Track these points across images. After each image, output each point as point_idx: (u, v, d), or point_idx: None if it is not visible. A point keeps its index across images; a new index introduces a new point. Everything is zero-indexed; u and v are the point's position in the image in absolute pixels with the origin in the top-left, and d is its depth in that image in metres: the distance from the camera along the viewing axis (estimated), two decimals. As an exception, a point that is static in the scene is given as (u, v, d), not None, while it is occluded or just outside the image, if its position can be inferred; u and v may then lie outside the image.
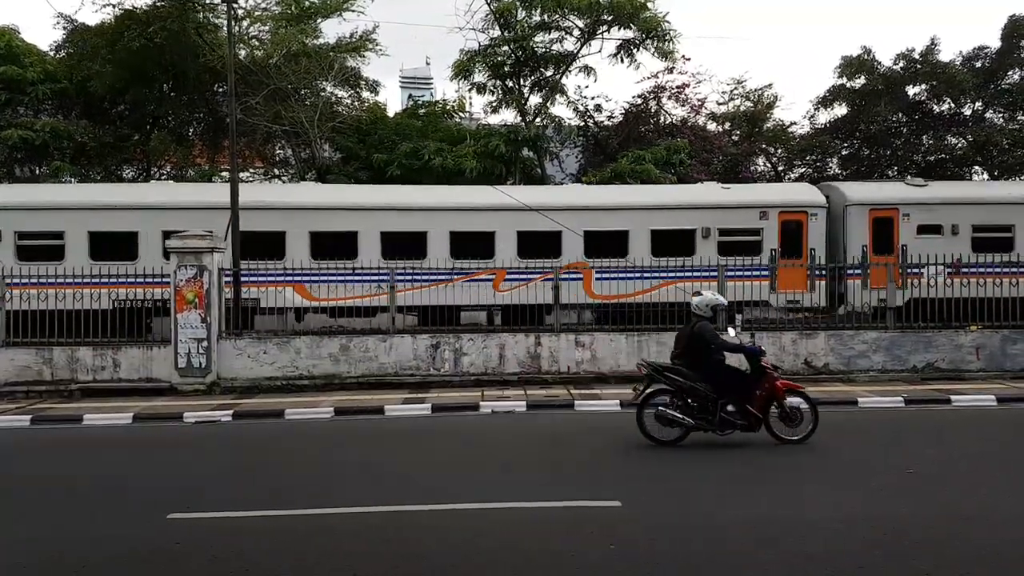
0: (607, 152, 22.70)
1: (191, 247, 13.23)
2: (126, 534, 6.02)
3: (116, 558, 5.53)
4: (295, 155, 21.93)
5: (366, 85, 22.71)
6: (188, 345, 13.12)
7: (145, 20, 18.68)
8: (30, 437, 10.43)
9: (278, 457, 9.00)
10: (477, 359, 13.57)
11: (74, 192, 17.57)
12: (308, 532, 5.97)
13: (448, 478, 7.66)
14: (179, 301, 13.16)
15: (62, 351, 13.20)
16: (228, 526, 6.19)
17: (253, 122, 19.12)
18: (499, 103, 22.77)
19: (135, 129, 21.90)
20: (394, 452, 9.04)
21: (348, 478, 7.80)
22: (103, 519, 6.48)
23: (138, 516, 6.48)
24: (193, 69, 19.69)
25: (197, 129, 22.85)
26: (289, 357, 13.41)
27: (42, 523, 6.38)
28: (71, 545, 5.78)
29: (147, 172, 22.51)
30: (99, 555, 5.57)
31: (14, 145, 19.03)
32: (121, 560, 5.49)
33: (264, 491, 7.23)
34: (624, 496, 6.67)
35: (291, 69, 19.58)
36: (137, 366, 13.28)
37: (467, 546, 5.58)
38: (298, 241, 15.91)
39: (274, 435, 10.31)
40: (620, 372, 13.44)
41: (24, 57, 20.62)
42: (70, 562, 5.44)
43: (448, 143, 20.65)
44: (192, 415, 11.21)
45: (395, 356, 13.52)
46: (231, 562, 5.37)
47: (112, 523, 6.34)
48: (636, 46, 21.90)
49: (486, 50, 21.76)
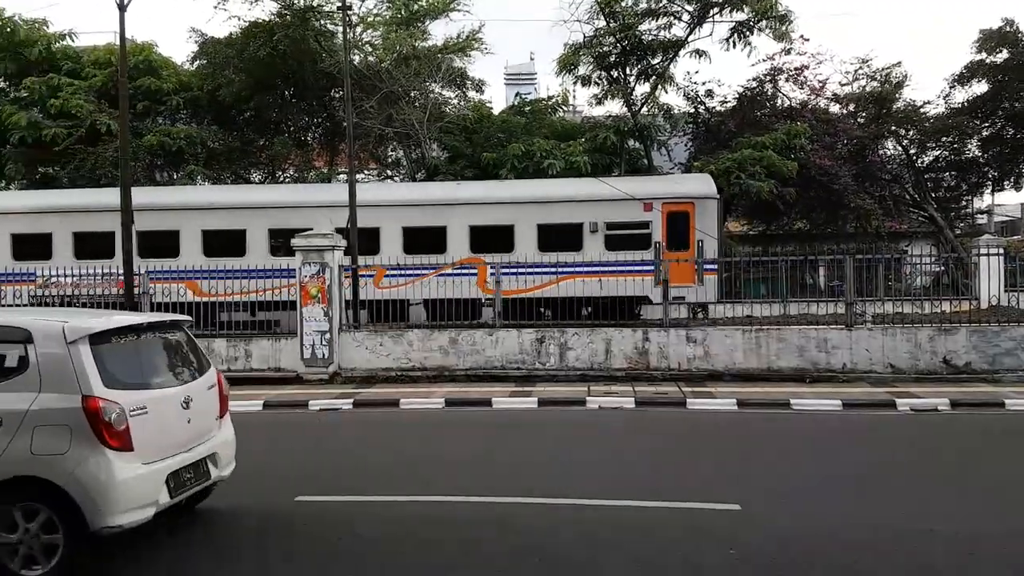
0: (720, 139, 22.03)
1: (314, 245, 13.94)
2: (258, 513, 6.47)
3: (248, 535, 5.94)
4: (406, 156, 22.62)
5: (472, 84, 23.10)
6: (312, 337, 13.84)
7: (269, 30, 19.78)
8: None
9: (397, 445, 9.34)
10: (582, 354, 13.56)
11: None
12: (427, 518, 6.20)
13: (559, 473, 7.72)
14: (304, 296, 13.90)
15: (199, 342, 14.19)
16: (353, 510, 6.48)
17: (367, 125, 19.88)
18: (604, 94, 22.55)
19: (259, 134, 23.25)
20: (506, 444, 9.20)
21: (463, 467, 8.02)
22: (236, 497, 6.95)
23: (269, 497, 6.92)
24: (312, 75, 20.69)
25: (315, 133, 24.00)
26: (403, 349, 13.89)
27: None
28: (208, 519, 6.27)
29: (272, 175, 23.87)
30: (233, 531, 6.01)
31: (153, 151, 20.66)
32: (252, 538, 5.90)
33: (385, 477, 7.55)
34: (744, 499, 6.48)
35: (401, 72, 20.20)
36: (267, 357, 14.16)
37: (580, 543, 5.62)
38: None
39: (391, 423, 10.72)
40: (736, 369, 13.08)
41: (161, 69, 22.31)
42: (202, 536, 5.89)
43: (554, 139, 20.67)
44: (316, 403, 11.84)
45: (501, 350, 13.72)
46: (356, 544, 5.66)
47: (245, 502, 6.79)
48: (750, 28, 21.09)
49: (591, 42, 21.59)
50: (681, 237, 16.25)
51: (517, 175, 19.29)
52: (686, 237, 16.18)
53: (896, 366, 12.89)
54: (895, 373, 12.81)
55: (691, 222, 16.24)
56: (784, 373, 13.00)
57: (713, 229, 16.37)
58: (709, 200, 16.48)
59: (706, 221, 16.30)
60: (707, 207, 16.41)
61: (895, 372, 12.83)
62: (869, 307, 13.81)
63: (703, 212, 16.32)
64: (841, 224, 22.99)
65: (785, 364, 13.12)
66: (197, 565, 5.37)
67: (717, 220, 16.66)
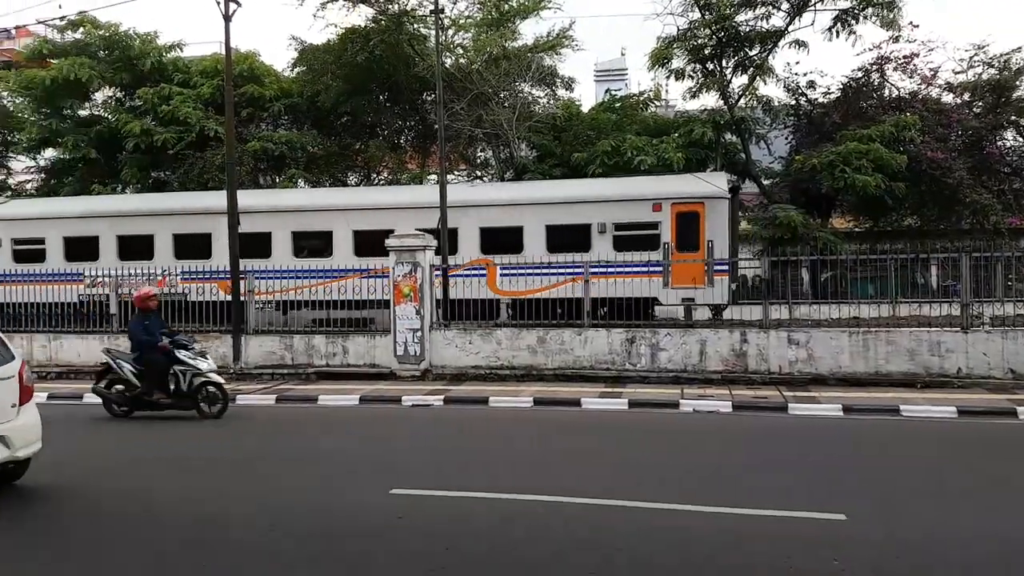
0: (823, 131, 21.05)
1: (407, 245, 14.22)
2: (353, 504, 6.61)
3: (344, 526, 6.05)
4: (495, 156, 22.76)
5: (561, 82, 22.97)
6: (405, 335, 14.13)
7: (366, 35, 20.33)
8: (276, 413, 11.79)
9: (487, 442, 9.40)
10: (675, 355, 13.25)
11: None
12: (518, 516, 6.17)
13: (651, 475, 7.55)
14: (396, 294, 14.20)
15: (300, 339, 14.78)
16: (445, 504, 6.53)
17: (457, 127, 20.12)
18: (699, 88, 21.95)
19: (356, 138, 23.93)
20: (597, 445, 9.08)
21: (553, 466, 7.96)
22: (334, 489, 7.17)
23: (364, 489, 7.09)
24: (405, 79, 21.12)
25: (408, 136, 24.50)
26: (491, 348, 13.96)
27: (285, 487, 7.17)
28: (312, 505, 6.46)
29: (367, 177, 24.54)
30: (329, 521, 6.14)
31: (257, 156, 21.61)
32: (348, 529, 6.00)
33: (476, 473, 7.60)
34: (850, 509, 6.13)
35: (491, 73, 20.33)
36: (362, 353, 14.54)
37: (676, 549, 5.44)
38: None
39: (481, 421, 10.79)
40: (841, 373, 12.47)
41: (264, 77, 23.32)
42: (307, 526, 6.06)
43: (646, 135, 20.30)
44: (409, 399, 12.06)
45: (590, 350, 13.58)
46: (446, 539, 5.67)
47: (341, 493, 6.98)
48: (855, 16, 20.07)
49: (685, 34, 21.07)
50: (691, 238, 15.95)
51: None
52: (696, 238, 15.86)
53: (1017, 371, 12.00)
54: (1016, 379, 11.93)
55: (701, 222, 15.93)
56: (893, 378, 12.31)
57: (725, 229, 16.02)
58: (720, 200, 16.09)
59: (717, 221, 15.95)
60: (718, 207, 16.04)
61: (1016, 378, 11.95)
62: (987, 308, 12.89)
63: (714, 212, 15.97)
64: (955, 220, 21.54)
65: (894, 368, 12.41)
66: (293, 554, 5.50)
67: (729, 220, 16.23)
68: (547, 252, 15.91)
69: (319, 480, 7.55)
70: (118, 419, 11.00)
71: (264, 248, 17.36)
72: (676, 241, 15.95)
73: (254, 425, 10.83)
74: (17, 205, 20.68)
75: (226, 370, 14.67)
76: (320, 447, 9.37)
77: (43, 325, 16.31)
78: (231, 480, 7.68)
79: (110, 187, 22.98)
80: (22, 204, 20.85)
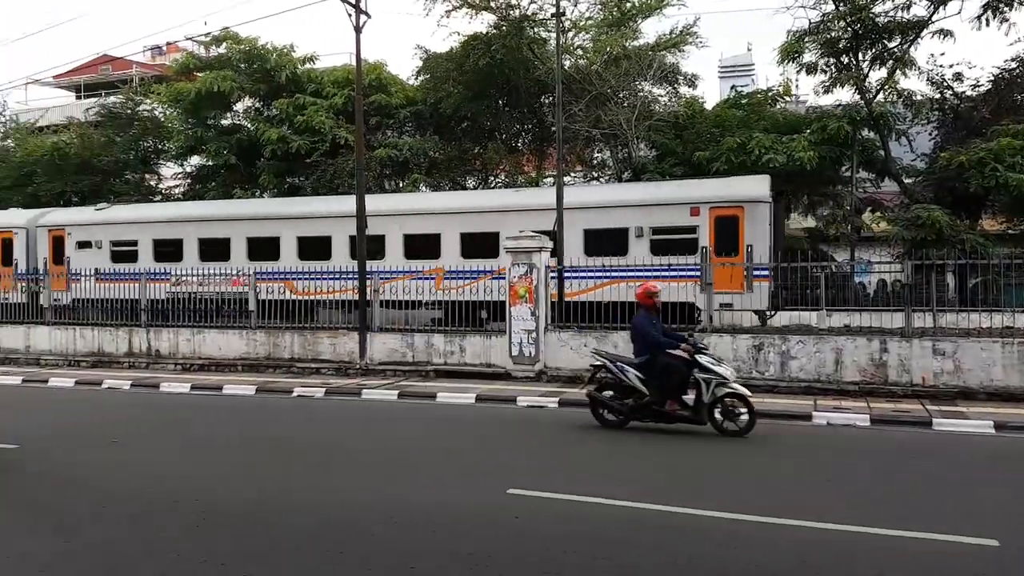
0: (971, 127, 19.38)
1: (523, 247, 14.27)
2: (472, 501, 6.64)
3: (462, 522, 6.07)
4: (612, 156, 22.49)
5: (684, 80, 22.39)
6: (520, 335, 14.17)
7: (487, 41, 20.65)
8: (397, 408, 12.12)
9: (603, 447, 9.19)
10: (808, 364, 12.53)
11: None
12: (637, 525, 5.99)
13: (780, 489, 7.15)
14: (512, 295, 14.27)
15: (421, 337, 15.16)
16: (561, 507, 6.42)
17: (575, 128, 20.03)
18: (832, 82, 20.77)
19: (475, 142, 24.36)
20: (717, 456, 8.70)
21: (671, 476, 7.71)
22: (453, 485, 7.25)
23: (482, 487, 7.12)
24: (524, 83, 21.26)
25: (525, 139, 24.66)
26: (608, 351, 13.70)
27: (402, 479, 7.32)
28: (431, 499, 6.53)
29: (484, 181, 24.91)
30: (447, 517, 6.18)
31: (382, 162, 22.43)
32: (465, 525, 6.02)
33: (593, 478, 7.44)
34: (1002, 534, 5.56)
35: (611, 73, 20.09)
36: (479, 352, 14.72)
37: (802, 569, 5.09)
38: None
39: (597, 425, 10.58)
40: (992, 387, 11.38)
41: (390, 86, 24.20)
42: (426, 520, 6.12)
43: (775, 132, 19.41)
44: (524, 400, 12.07)
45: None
46: (564, 542, 5.57)
47: (460, 490, 7.04)
48: (1007, 3, 18.36)
49: (818, 27, 20.00)
50: (730, 242, 15.66)
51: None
52: (735, 242, 15.55)
53: None
54: None
55: (740, 227, 15.66)
56: (1056, 393, 11.09)
57: (766, 234, 15.64)
58: (760, 204, 15.76)
59: (757, 226, 15.61)
60: (758, 211, 15.72)
61: None
62: None
63: (754, 216, 15.66)
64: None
65: (1058, 383, 11.18)
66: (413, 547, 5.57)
67: (770, 224, 15.79)
68: (584, 256, 16.02)
69: (438, 475, 7.66)
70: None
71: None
72: (714, 246, 15.63)
73: (367, 415, 11.16)
74: (116, 210, 22.64)
75: (352, 366, 15.31)
76: (439, 443, 9.53)
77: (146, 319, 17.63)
78: (359, 470, 7.93)
79: (249, 191, 24.54)
80: (119, 210, 22.77)
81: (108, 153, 26.29)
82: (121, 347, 17.41)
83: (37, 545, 5.62)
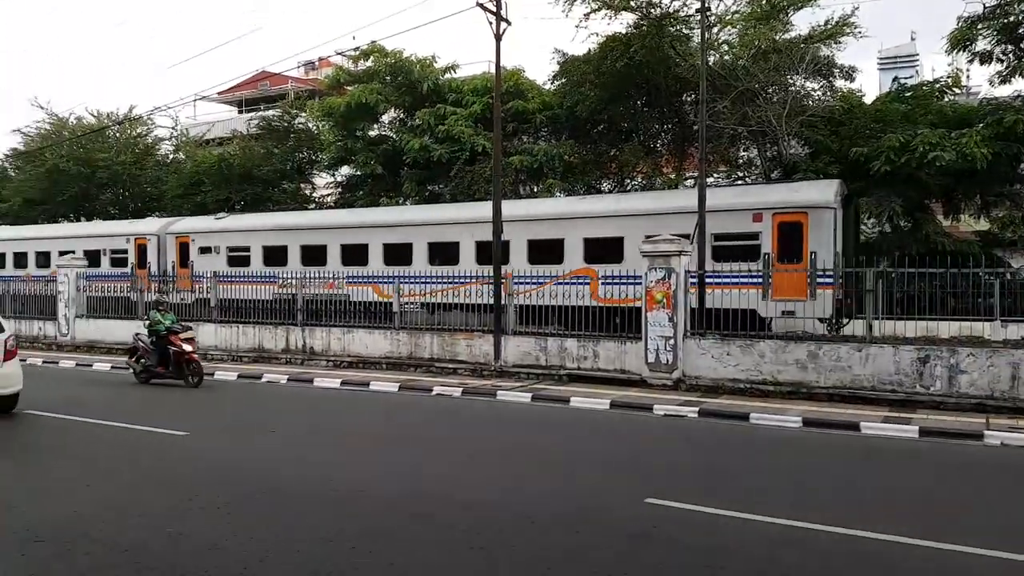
0: None
1: (661, 251, 13.87)
2: (609, 509, 6.48)
3: (599, 529, 5.93)
4: (760, 155, 21.45)
5: (840, 72, 20.95)
6: (656, 342, 13.76)
7: (626, 42, 20.32)
8: (532, 411, 12.13)
9: (746, 459, 8.78)
10: (980, 379, 11.31)
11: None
12: (779, 541, 5.64)
13: (936, 512, 6.54)
14: (649, 301, 13.89)
15: (554, 341, 15.10)
16: (700, 519, 6.18)
17: (719, 126, 19.26)
18: (1010, 71, 18.74)
19: (611, 145, 24.04)
20: (875, 475, 8.01)
21: (822, 492, 7.20)
22: (590, 490, 7.11)
23: (619, 494, 6.94)
24: (665, 81, 20.72)
25: (665, 139, 24.03)
26: (752, 360, 13.06)
27: (536, 479, 7.26)
28: (568, 504, 6.42)
29: (621, 183, 24.53)
30: (584, 522, 6.07)
31: (517, 168, 22.65)
32: (602, 532, 5.88)
33: (733, 491, 7.10)
34: None
35: (759, 68, 19.16)
36: (613, 358, 14.45)
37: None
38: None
39: (740, 437, 10.12)
40: None
41: (527, 92, 24.41)
42: (563, 522, 6.02)
43: (943, 126, 17.73)
44: (661, 408, 11.70)
45: (872, 368, 12.10)
46: (702, 554, 5.37)
47: (597, 496, 6.90)
48: None
49: (994, 12, 18.11)
50: (793, 249, 15.43)
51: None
52: (799, 249, 15.28)
53: None
54: None
55: (804, 233, 15.40)
56: None
57: (830, 240, 15.20)
58: (824, 210, 15.40)
59: (822, 232, 15.28)
60: (823, 217, 15.37)
61: None
62: None
63: (818, 223, 15.35)
64: None
65: None
66: (549, 549, 5.46)
67: (836, 231, 15.31)
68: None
69: (575, 479, 7.56)
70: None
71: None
72: (777, 252, 15.55)
73: (503, 416, 11.20)
74: (231, 220, 24.52)
75: (487, 367, 15.51)
76: (574, 447, 9.42)
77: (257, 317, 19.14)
78: (497, 468, 7.97)
79: (393, 199, 25.58)
80: (234, 219, 24.61)
81: (267, 164, 28.31)
82: (279, 344, 18.61)
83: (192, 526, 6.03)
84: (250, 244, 22.71)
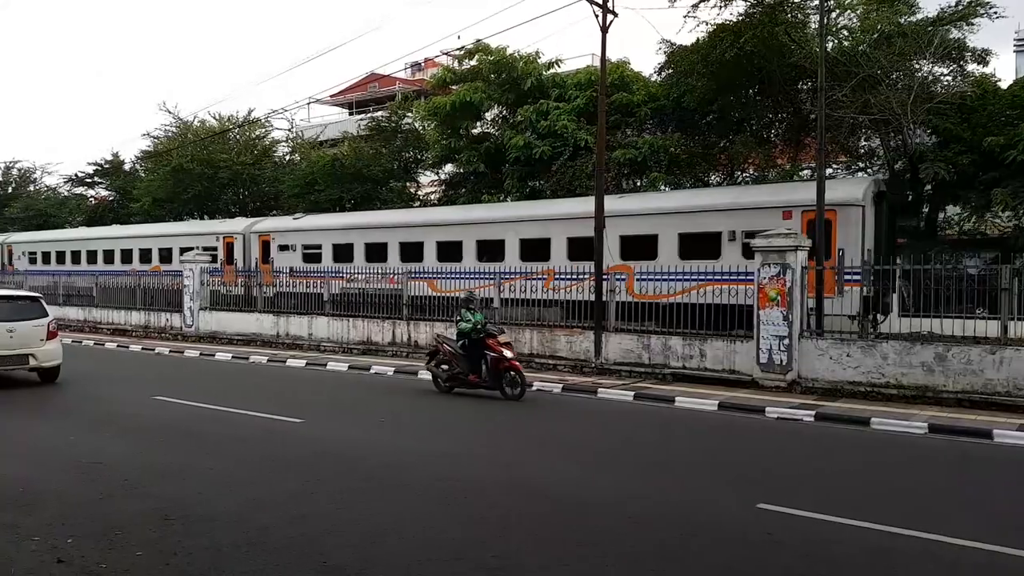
0: None
1: (775, 246, 13.27)
2: (721, 514, 6.25)
3: (711, 534, 5.74)
4: (883, 144, 20.15)
5: (972, 56, 19.37)
6: (769, 342, 13.18)
7: (737, 31, 19.56)
8: (635, 410, 11.89)
9: (866, 467, 8.25)
10: None
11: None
12: (904, 553, 5.29)
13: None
14: (762, 298, 13.32)
15: (658, 339, 14.74)
16: (815, 527, 5.88)
17: (838, 115, 18.21)
18: None
19: (720, 136, 23.24)
20: (1006, 486, 7.37)
21: (948, 503, 6.72)
22: (701, 494, 6.88)
23: (731, 499, 6.68)
24: (779, 70, 19.80)
25: (778, 129, 22.99)
26: (874, 362, 12.28)
27: (654, 483, 7.07)
28: (678, 508, 6.21)
29: (731, 176, 23.67)
30: (695, 527, 5.88)
31: (620, 163, 22.25)
32: (715, 537, 5.68)
33: (852, 499, 6.69)
34: None
35: (882, 53, 17.97)
36: (721, 358, 13.95)
37: None
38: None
39: (859, 443, 9.53)
40: None
41: (632, 84, 23.94)
42: (673, 527, 5.84)
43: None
44: (774, 410, 11.18)
45: (1007, 372, 11.15)
46: (820, 564, 5.12)
47: (709, 500, 6.68)
48: None
49: None
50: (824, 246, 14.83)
51: None
52: (827, 246, 14.99)
53: None
54: None
55: (833, 230, 15.38)
56: None
57: (858, 238, 15.24)
58: (853, 207, 15.43)
59: (851, 229, 15.32)
60: (852, 215, 15.40)
61: None
62: None
63: (847, 220, 15.37)
64: None
65: None
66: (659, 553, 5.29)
67: (863, 228, 15.31)
68: (679, 259, 16.36)
69: (685, 483, 7.35)
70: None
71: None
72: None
73: (606, 414, 11.00)
74: (307, 220, 25.74)
75: (587, 364, 15.33)
76: (682, 447, 9.16)
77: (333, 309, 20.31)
78: (598, 468, 7.84)
79: (496, 196, 25.73)
80: (309, 219, 25.81)
81: (376, 163, 29.18)
82: (386, 337, 19.13)
83: (309, 508, 6.24)
84: (321, 242, 24.01)
